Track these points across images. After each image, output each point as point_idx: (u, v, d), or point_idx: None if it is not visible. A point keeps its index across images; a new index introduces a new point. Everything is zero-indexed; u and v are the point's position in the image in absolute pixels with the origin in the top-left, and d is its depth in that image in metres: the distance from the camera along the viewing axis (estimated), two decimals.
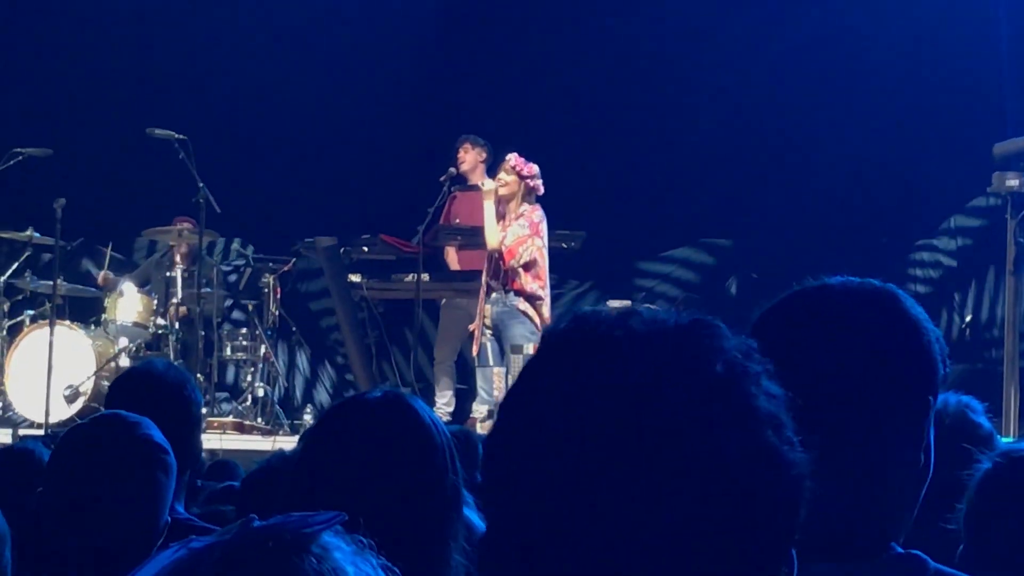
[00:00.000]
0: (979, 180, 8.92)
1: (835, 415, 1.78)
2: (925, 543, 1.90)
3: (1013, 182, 8.36)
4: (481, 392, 10.29)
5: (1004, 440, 6.83)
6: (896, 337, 1.87)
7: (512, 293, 10.07)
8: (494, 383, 10.18)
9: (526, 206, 10.10)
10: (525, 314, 10.04)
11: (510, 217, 10.13)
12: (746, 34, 12.93)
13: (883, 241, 12.76)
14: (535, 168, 10.11)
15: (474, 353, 10.28)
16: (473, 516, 2.59)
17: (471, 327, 10.34)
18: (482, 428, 9.76)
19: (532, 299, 10.07)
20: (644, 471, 1.14)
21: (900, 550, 1.84)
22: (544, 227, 10.15)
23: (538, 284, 10.10)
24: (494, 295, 10.12)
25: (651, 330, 1.20)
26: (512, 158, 10.14)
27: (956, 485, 2.30)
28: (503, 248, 10.00)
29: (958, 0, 12.48)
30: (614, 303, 11.12)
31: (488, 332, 10.17)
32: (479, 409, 10.25)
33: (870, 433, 1.83)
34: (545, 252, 10.14)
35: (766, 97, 13.01)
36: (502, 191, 10.14)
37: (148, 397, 3.70)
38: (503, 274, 10.09)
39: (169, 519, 2.88)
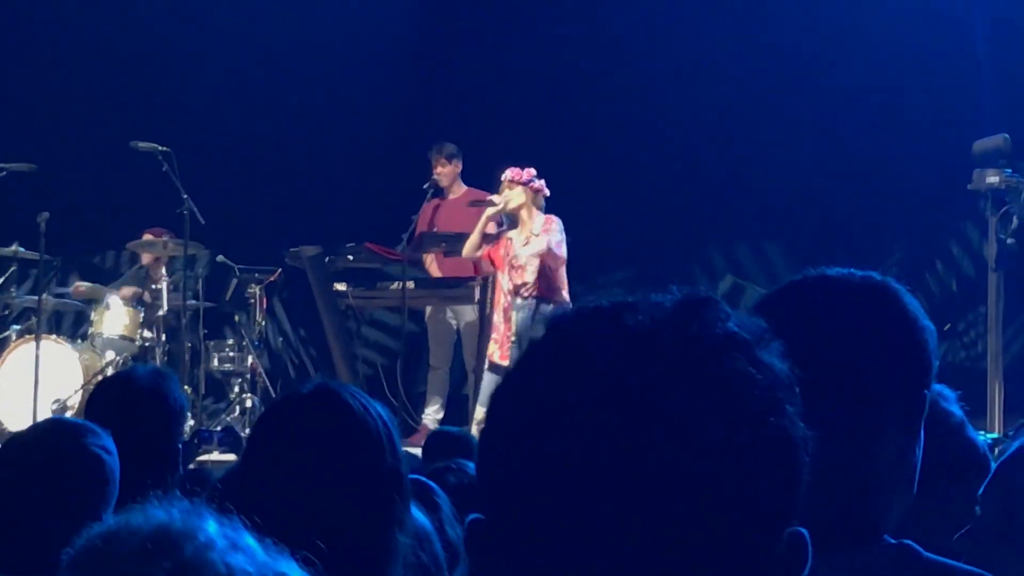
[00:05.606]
0: (960, 177, 8.96)
1: (831, 406, 1.77)
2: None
3: (993, 179, 8.40)
4: (486, 397, 10.22)
5: (989, 435, 6.87)
6: (895, 331, 1.88)
7: (543, 301, 10.06)
8: None
9: (540, 215, 10.14)
10: None
11: (530, 227, 10.13)
12: (727, 42, 12.97)
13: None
14: (532, 171, 10.18)
15: (499, 359, 10.20)
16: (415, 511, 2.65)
17: (497, 337, 10.28)
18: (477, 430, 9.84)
19: (564, 305, 10.11)
20: (644, 465, 1.14)
21: (892, 540, 1.85)
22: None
23: (566, 291, 10.18)
24: (519, 301, 10.13)
25: (652, 328, 1.20)
26: (509, 172, 10.18)
27: (923, 472, 2.34)
28: (557, 257, 10.01)
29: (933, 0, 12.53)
30: None
31: (511, 339, 10.15)
32: (480, 411, 10.23)
33: (865, 425, 1.84)
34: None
35: (747, 99, 13.04)
36: (511, 206, 10.17)
37: (125, 403, 3.69)
38: (536, 285, 10.08)
39: None
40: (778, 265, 13.39)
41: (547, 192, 10.22)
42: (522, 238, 10.19)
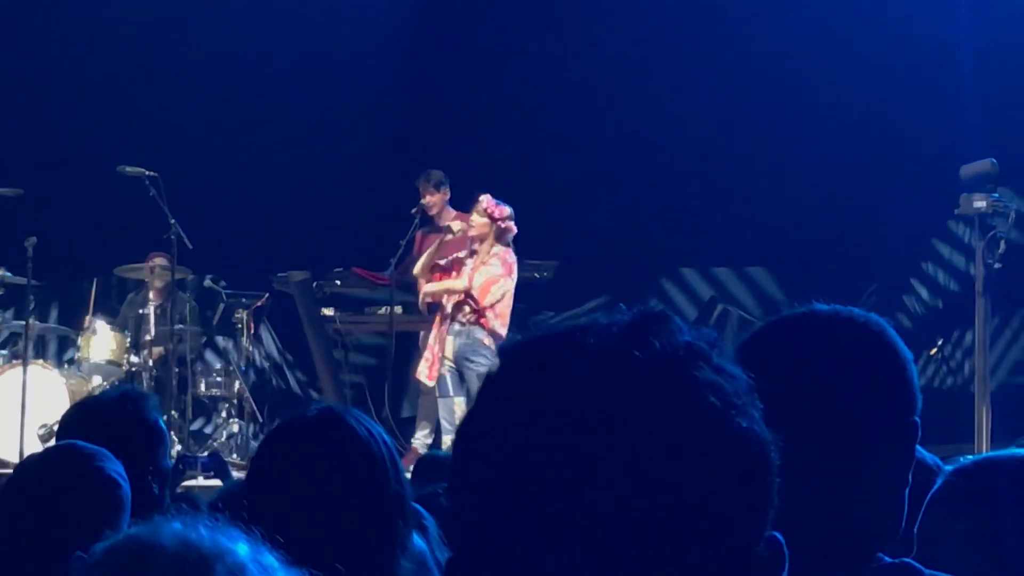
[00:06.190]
0: (947, 203, 8.97)
1: (822, 436, 1.85)
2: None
3: (980, 204, 8.42)
4: (444, 423, 10.41)
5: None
6: (883, 364, 1.96)
7: (478, 327, 10.19)
8: (456, 413, 10.28)
9: (499, 247, 10.24)
10: (489, 348, 10.18)
11: (481, 257, 10.24)
12: (714, 63, 13.00)
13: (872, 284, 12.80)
14: (507, 210, 10.24)
15: (426, 378, 10.37)
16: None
17: (429, 356, 10.44)
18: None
19: (495, 336, 10.21)
20: (613, 486, 1.15)
21: (889, 559, 1.89)
22: (516, 270, 10.31)
23: (500, 322, 10.26)
24: (456, 327, 10.25)
25: (610, 351, 1.21)
26: (485, 200, 10.24)
27: None
28: (475, 288, 10.14)
29: (920, 22, 12.54)
30: None
31: (448, 363, 10.30)
32: (444, 440, 10.33)
33: (857, 454, 1.90)
34: (512, 294, 10.28)
35: (735, 125, 13.06)
36: (472, 233, 10.28)
37: (94, 426, 3.65)
38: (473, 310, 10.20)
39: None
40: (764, 289, 13.41)
41: (514, 231, 10.30)
42: (471, 266, 10.28)
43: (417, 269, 10.71)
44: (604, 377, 1.18)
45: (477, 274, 10.22)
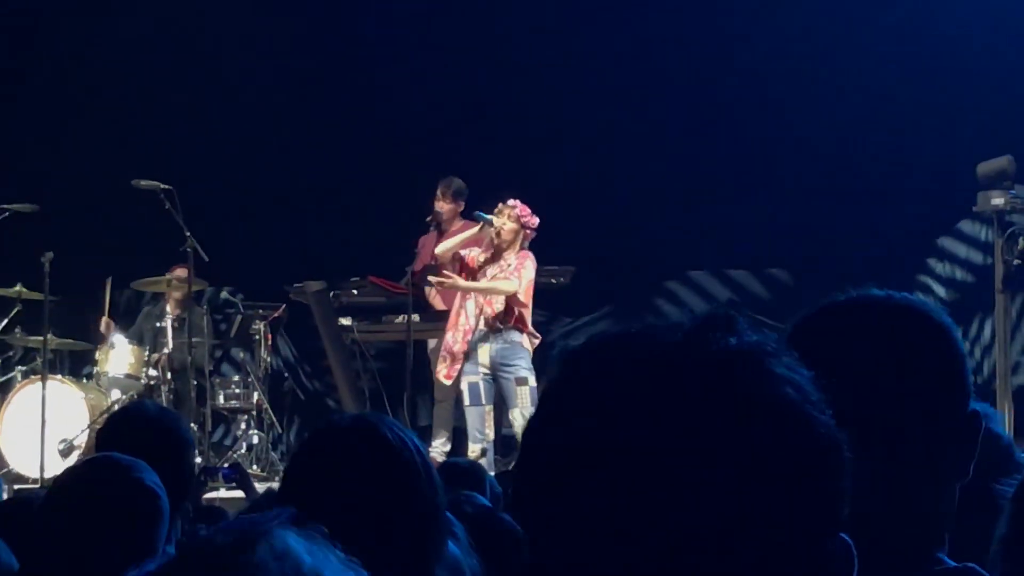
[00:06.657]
0: (965, 200, 8.95)
1: (879, 427, 1.78)
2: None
3: (998, 201, 8.41)
4: (474, 432, 10.32)
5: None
6: (946, 353, 1.89)
7: (514, 331, 10.14)
8: (487, 422, 10.22)
9: (524, 250, 10.23)
10: (527, 351, 10.16)
11: (506, 260, 10.20)
12: (727, 63, 12.98)
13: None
14: (536, 221, 10.25)
15: (443, 377, 10.34)
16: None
17: (446, 356, 10.42)
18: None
19: (532, 336, 10.19)
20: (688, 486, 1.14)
21: (951, 562, 1.83)
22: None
23: (530, 321, 10.25)
24: (492, 333, 10.19)
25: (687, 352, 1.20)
26: (519, 207, 10.22)
27: (979, 496, 2.28)
28: (520, 290, 10.11)
29: (936, 20, 12.51)
30: None
31: (483, 371, 10.21)
32: (473, 448, 10.27)
33: (921, 447, 1.83)
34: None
35: (748, 126, 13.03)
36: (502, 236, 10.23)
37: (137, 435, 3.68)
38: (511, 313, 10.16)
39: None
40: (787, 287, 13.38)
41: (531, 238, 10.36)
42: (495, 268, 10.25)
43: (440, 248, 10.60)
44: (679, 375, 1.17)
45: (522, 278, 10.19)
